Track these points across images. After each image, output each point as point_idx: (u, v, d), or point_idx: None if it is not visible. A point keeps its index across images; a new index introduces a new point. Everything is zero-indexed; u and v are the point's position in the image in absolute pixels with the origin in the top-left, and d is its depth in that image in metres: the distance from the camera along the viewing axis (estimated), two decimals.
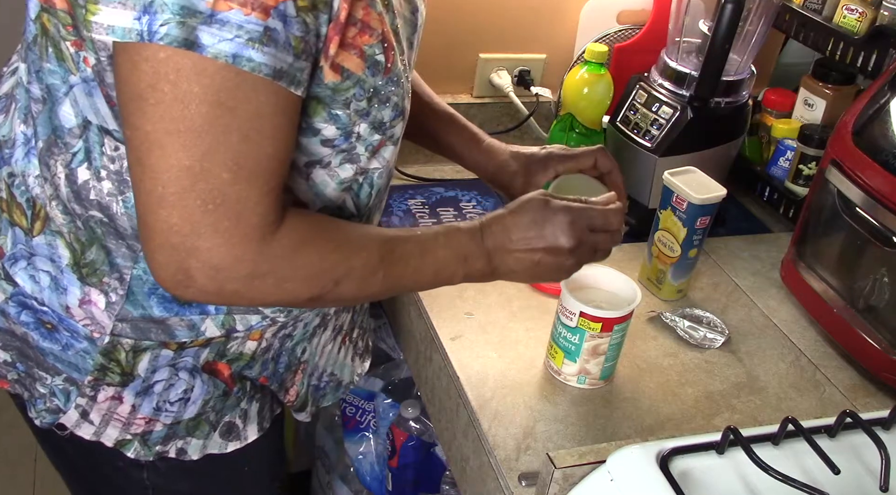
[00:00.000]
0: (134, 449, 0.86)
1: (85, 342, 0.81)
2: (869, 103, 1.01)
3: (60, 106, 0.72)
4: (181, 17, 0.59)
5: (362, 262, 0.74)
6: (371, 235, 0.76)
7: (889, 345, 0.98)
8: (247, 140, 0.64)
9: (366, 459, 1.53)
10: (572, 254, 0.81)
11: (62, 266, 0.79)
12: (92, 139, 0.73)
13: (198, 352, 0.83)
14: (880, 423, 0.77)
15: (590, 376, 0.95)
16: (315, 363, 0.97)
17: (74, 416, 0.84)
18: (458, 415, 0.97)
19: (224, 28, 0.60)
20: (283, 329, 0.87)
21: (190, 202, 0.63)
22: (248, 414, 0.91)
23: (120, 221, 0.75)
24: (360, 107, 0.73)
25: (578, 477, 0.74)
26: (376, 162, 0.80)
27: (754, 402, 0.98)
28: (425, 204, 1.29)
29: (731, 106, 1.22)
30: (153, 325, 0.80)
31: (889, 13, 1.10)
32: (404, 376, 1.48)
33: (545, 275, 0.83)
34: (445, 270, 0.79)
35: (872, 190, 0.97)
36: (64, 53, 0.70)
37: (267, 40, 0.61)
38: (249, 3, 0.60)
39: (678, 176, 1.07)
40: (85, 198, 0.75)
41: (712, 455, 0.72)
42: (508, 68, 1.48)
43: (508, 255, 0.81)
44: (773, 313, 1.14)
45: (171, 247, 0.65)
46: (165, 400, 0.84)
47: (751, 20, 1.18)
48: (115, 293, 0.78)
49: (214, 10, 0.59)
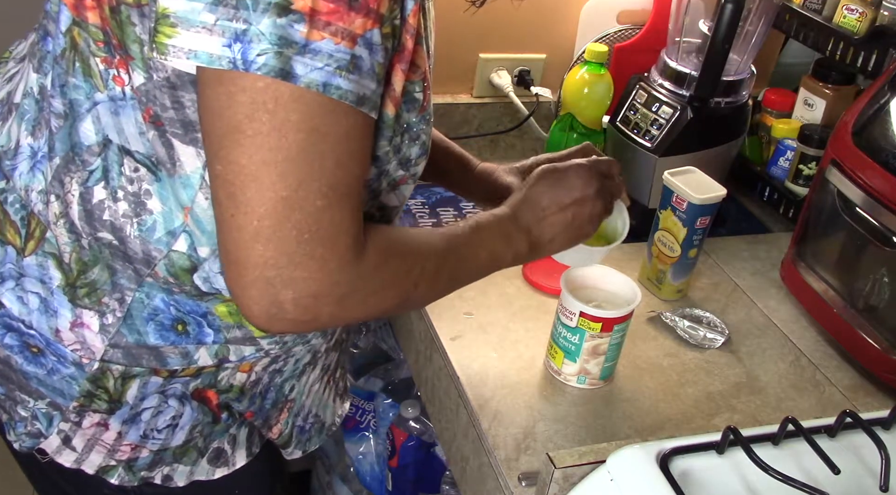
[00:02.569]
0: (118, 476, 0.83)
1: (72, 367, 0.78)
2: (869, 103, 1.01)
3: (82, 122, 0.71)
4: (279, 48, 0.58)
5: (432, 263, 0.74)
6: (432, 237, 0.77)
7: (889, 345, 0.98)
8: (339, 165, 0.63)
9: (366, 459, 1.53)
10: (598, 197, 0.85)
11: (53, 288, 0.77)
12: (111, 158, 0.71)
13: (188, 380, 0.81)
14: (880, 423, 0.78)
15: (590, 376, 0.95)
16: (302, 402, 0.95)
17: (56, 442, 0.81)
18: (458, 415, 0.97)
19: (316, 57, 0.59)
20: (273, 363, 0.86)
21: (286, 233, 0.62)
22: (237, 439, 0.89)
23: (131, 244, 0.74)
24: (396, 143, 0.73)
25: (578, 477, 0.74)
26: (394, 197, 0.80)
27: (754, 402, 0.98)
28: (425, 204, 1.29)
29: (731, 106, 1.22)
30: (146, 352, 0.78)
31: (889, 13, 1.10)
32: (404, 376, 1.48)
33: (582, 228, 0.85)
34: (495, 256, 0.81)
35: (872, 190, 0.97)
36: (92, 69, 0.69)
37: (353, 68, 0.61)
38: (340, 33, 0.59)
39: (678, 176, 1.07)
40: (98, 219, 0.73)
41: (712, 455, 0.72)
42: (508, 68, 1.48)
43: (544, 223, 0.83)
44: (773, 313, 1.14)
45: (266, 281, 0.63)
46: (153, 427, 0.82)
47: (751, 20, 1.18)
48: (113, 315, 0.76)
49: (308, 39, 0.59)
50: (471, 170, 1.01)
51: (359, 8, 0.60)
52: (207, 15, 0.58)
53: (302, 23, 0.58)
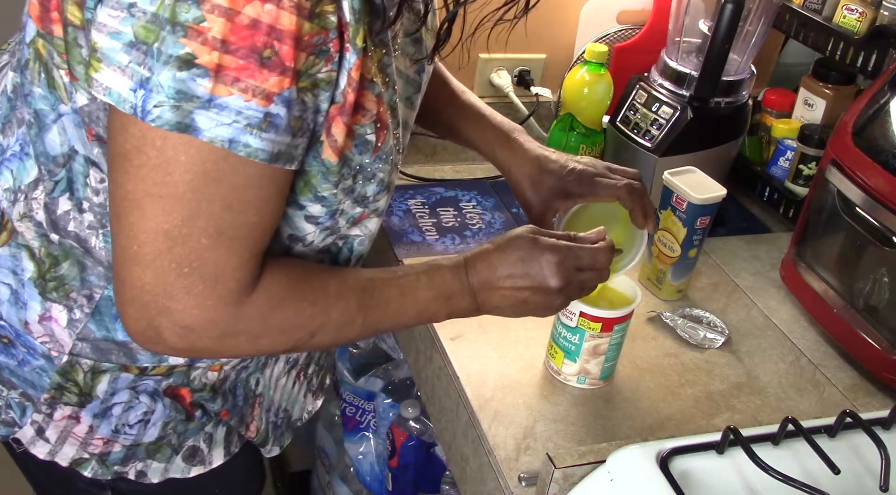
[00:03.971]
0: (91, 469, 0.83)
1: (42, 359, 0.78)
2: (869, 103, 1.01)
3: (47, 132, 0.71)
4: (176, 102, 0.58)
5: (339, 313, 0.73)
6: (349, 284, 0.74)
7: (889, 345, 0.98)
8: (230, 209, 0.62)
9: (366, 459, 1.53)
10: (560, 293, 0.79)
11: (24, 279, 0.77)
12: (76, 169, 0.71)
13: (160, 378, 0.81)
14: (880, 423, 0.78)
15: (590, 376, 0.95)
16: (270, 397, 0.94)
17: (30, 433, 0.82)
18: (458, 415, 0.97)
19: (223, 113, 0.59)
20: (241, 361, 0.86)
21: (165, 264, 0.62)
22: (214, 438, 0.88)
23: (97, 254, 0.74)
24: (346, 185, 0.72)
25: (578, 477, 0.74)
26: (357, 230, 0.79)
27: (754, 402, 0.98)
28: (425, 204, 1.29)
29: (731, 106, 1.22)
30: (115, 347, 0.78)
31: (889, 13, 1.10)
32: (404, 376, 1.48)
33: (532, 312, 0.82)
34: (427, 311, 0.78)
35: (872, 190, 0.97)
36: (56, 81, 0.69)
37: (266, 126, 0.60)
38: (250, 90, 0.59)
39: (678, 176, 1.07)
40: (62, 229, 0.74)
41: (712, 455, 0.72)
42: (508, 68, 1.48)
43: (494, 293, 0.79)
44: (773, 313, 1.14)
45: (143, 303, 0.64)
46: (124, 422, 0.82)
47: (751, 20, 1.18)
48: (81, 310, 0.76)
49: (213, 94, 0.58)
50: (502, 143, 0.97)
51: (272, 66, 0.58)
52: (123, 55, 0.59)
53: (206, 77, 0.57)
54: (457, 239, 1.21)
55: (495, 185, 1.36)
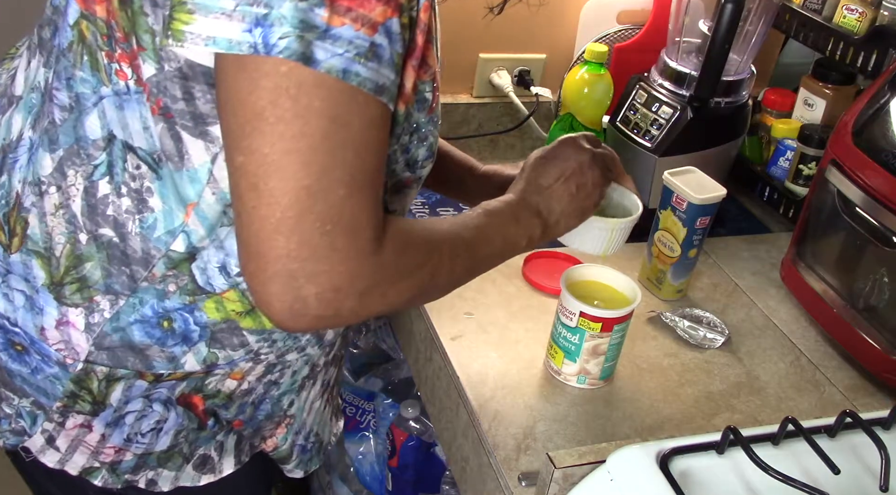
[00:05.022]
0: (101, 477, 0.83)
1: (56, 367, 0.78)
2: (869, 103, 1.01)
3: (87, 116, 0.71)
4: (300, 31, 0.58)
5: (448, 252, 0.74)
6: (446, 226, 0.76)
7: (889, 345, 0.98)
8: (358, 155, 0.62)
9: (366, 459, 1.53)
10: (594, 163, 0.86)
11: (37, 286, 0.76)
12: (115, 154, 0.71)
13: (174, 385, 0.80)
14: (880, 423, 0.78)
15: (590, 376, 0.95)
16: (303, 420, 0.94)
17: (40, 442, 0.81)
18: (458, 415, 0.97)
19: (336, 43, 0.59)
20: (269, 373, 0.85)
21: (309, 225, 0.61)
22: (225, 446, 0.88)
23: (131, 242, 0.73)
24: (403, 141, 0.73)
25: (578, 477, 0.74)
26: (398, 202, 0.80)
27: (754, 402, 0.98)
28: (425, 204, 1.29)
29: (731, 106, 1.22)
30: (131, 353, 0.77)
31: (889, 13, 1.10)
32: (404, 376, 1.48)
33: (588, 197, 0.86)
34: (510, 241, 0.81)
35: (872, 190, 0.97)
36: (99, 63, 0.69)
37: (372, 56, 0.60)
38: (360, 19, 0.59)
39: (678, 176, 1.07)
40: (101, 213, 0.73)
41: (712, 455, 0.72)
42: (508, 68, 1.48)
43: (550, 199, 0.84)
44: (773, 313, 1.14)
45: (289, 274, 0.62)
46: (137, 431, 0.81)
47: (751, 20, 1.18)
48: (101, 315, 0.75)
49: (329, 24, 0.58)
50: (476, 173, 0.99)
51: None
52: (227, 1, 0.58)
53: (322, 7, 0.58)
54: None
55: None
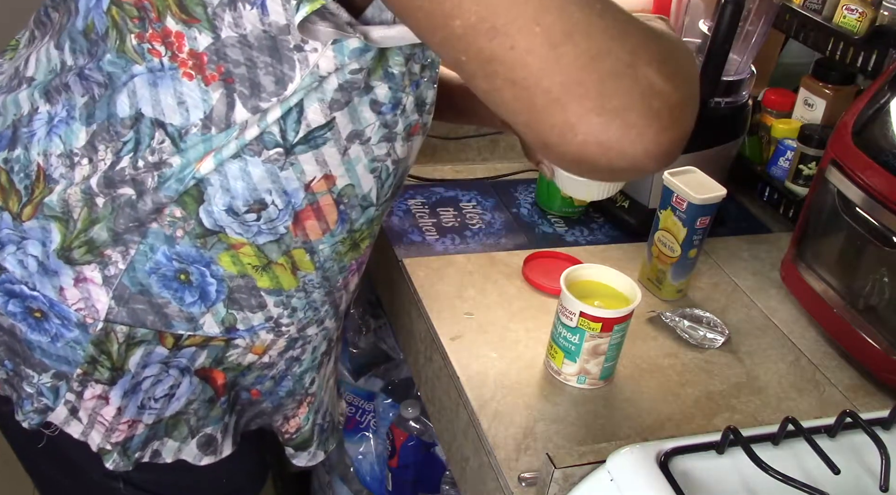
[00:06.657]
0: (113, 461, 0.84)
1: (76, 330, 0.79)
2: (869, 103, 1.01)
3: (119, 94, 0.73)
4: None
5: None
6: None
7: (889, 345, 0.98)
8: None
9: (366, 459, 1.53)
10: None
11: (49, 251, 0.78)
12: (143, 131, 0.73)
13: (194, 354, 0.82)
14: (880, 423, 0.78)
15: (590, 376, 0.95)
16: (321, 398, 0.95)
17: (63, 413, 0.82)
18: (458, 415, 0.97)
19: None
20: (290, 349, 0.86)
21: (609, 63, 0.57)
22: (228, 428, 0.89)
23: (150, 196, 0.75)
24: (415, 70, 0.74)
25: (578, 477, 0.74)
26: (406, 151, 0.80)
27: (754, 402, 0.98)
28: (425, 204, 1.29)
29: (731, 106, 1.22)
30: (150, 311, 0.79)
31: (889, 13, 1.10)
32: (404, 376, 1.48)
33: None
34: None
35: (872, 190, 0.97)
36: (126, 45, 0.71)
37: None
38: None
39: (678, 176, 1.07)
40: (118, 181, 0.75)
41: (712, 455, 0.72)
42: None
43: None
44: (773, 313, 1.14)
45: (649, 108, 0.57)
46: (151, 396, 0.83)
47: (751, 20, 1.18)
48: (115, 266, 0.77)
49: None
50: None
51: None
52: None
53: None
54: (457, 239, 1.21)
55: (495, 185, 1.36)
